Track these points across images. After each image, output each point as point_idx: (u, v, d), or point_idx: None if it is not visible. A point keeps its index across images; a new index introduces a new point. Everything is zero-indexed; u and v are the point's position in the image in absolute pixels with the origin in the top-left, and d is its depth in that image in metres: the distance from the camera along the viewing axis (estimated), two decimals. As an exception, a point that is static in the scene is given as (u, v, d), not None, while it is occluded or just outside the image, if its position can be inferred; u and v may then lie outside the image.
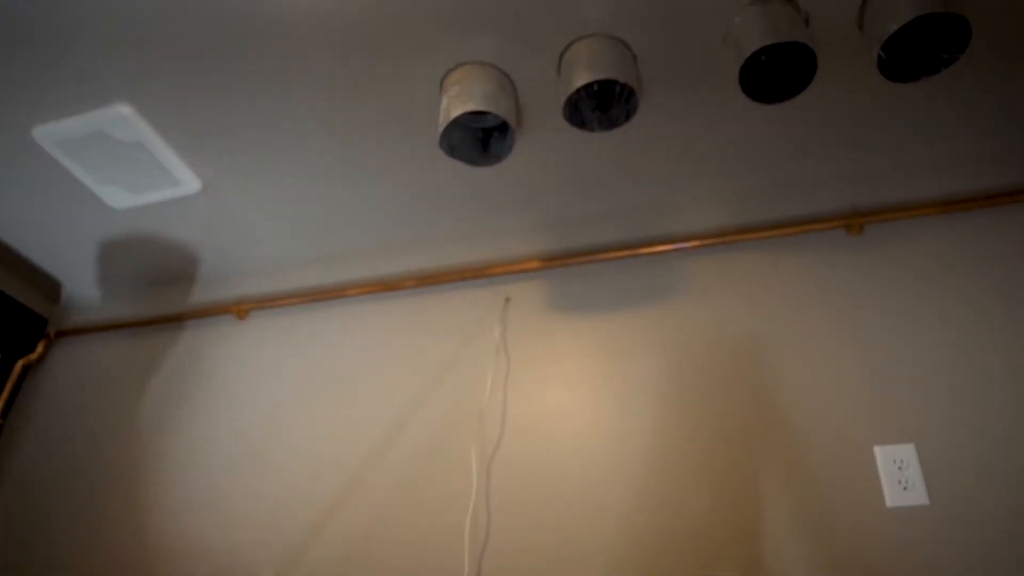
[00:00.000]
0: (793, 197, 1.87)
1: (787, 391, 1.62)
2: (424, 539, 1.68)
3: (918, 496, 1.44)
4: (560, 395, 1.78)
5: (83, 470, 2.12)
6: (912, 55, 1.37)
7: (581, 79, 1.42)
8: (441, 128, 1.48)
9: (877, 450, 1.50)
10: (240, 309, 2.20)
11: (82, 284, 2.43)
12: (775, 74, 1.43)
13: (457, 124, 1.56)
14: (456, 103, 1.47)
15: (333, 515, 1.79)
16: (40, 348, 2.38)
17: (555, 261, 1.94)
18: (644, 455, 1.63)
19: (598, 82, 1.44)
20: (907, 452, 1.48)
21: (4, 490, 2.15)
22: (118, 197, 1.96)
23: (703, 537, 1.51)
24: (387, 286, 2.07)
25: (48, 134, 1.74)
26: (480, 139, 1.59)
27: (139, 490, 2.02)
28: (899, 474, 1.47)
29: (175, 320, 2.28)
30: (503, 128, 1.57)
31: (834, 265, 1.75)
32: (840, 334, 1.66)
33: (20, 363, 2.30)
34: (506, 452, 1.74)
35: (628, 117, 1.49)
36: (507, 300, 1.95)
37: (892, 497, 1.45)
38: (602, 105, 1.49)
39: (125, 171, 1.85)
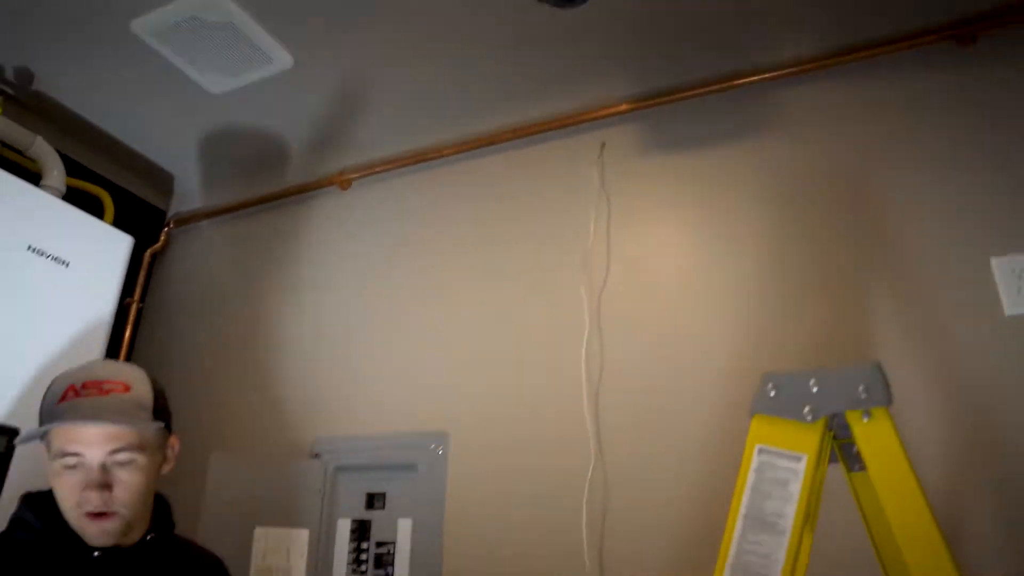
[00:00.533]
0: (896, 12, 1.75)
1: (897, 211, 1.59)
2: (544, 370, 1.79)
3: (1039, 303, 1.42)
4: (662, 232, 1.81)
5: (208, 341, 2.35)
6: None
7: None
8: (526, -30, 1.45)
9: (994, 261, 1.47)
10: (343, 180, 2.28)
11: (192, 173, 2.56)
12: None
13: (542, -35, 1.52)
14: (540, -59, 1.44)
15: (447, 367, 1.91)
16: (163, 238, 2.57)
17: (646, 102, 1.91)
18: (748, 285, 1.65)
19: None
20: (1027, 260, 1.45)
21: (147, 361, 2.36)
22: (216, 81, 2.03)
23: (812, 363, 1.52)
24: (484, 141, 2.09)
25: (146, 25, 1.80)
26: (566, -21, 1.55)
27: (258, 356, 2.22)
28: (1019, 283, 1.44)
29: (281, 197, 2.39)
30: (589, -36, 1.52)
31: (945, 80, 1.65)
32: (952, 150, 1.59)
33: (148, 253, 2.49)
34: (613, 289, 1.79)
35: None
36: (603, 145, 1.94)
37: (1011, 305, 1.43)
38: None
39: (220, 54, 1.90)
